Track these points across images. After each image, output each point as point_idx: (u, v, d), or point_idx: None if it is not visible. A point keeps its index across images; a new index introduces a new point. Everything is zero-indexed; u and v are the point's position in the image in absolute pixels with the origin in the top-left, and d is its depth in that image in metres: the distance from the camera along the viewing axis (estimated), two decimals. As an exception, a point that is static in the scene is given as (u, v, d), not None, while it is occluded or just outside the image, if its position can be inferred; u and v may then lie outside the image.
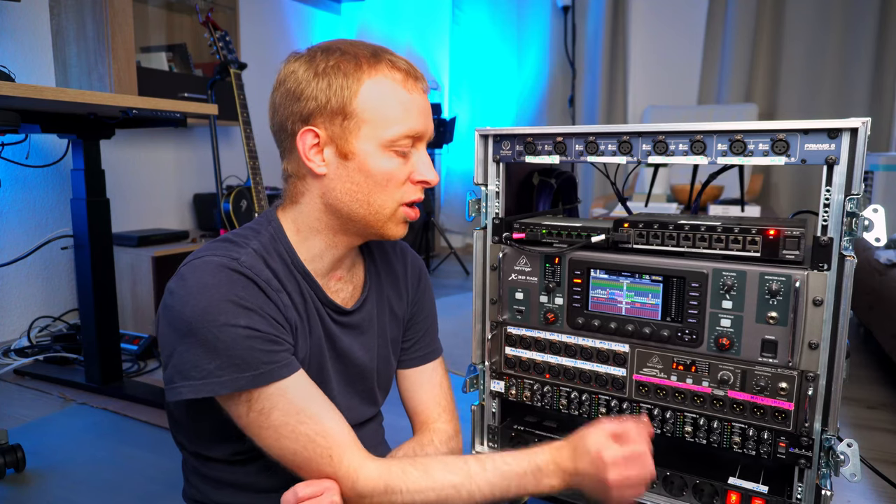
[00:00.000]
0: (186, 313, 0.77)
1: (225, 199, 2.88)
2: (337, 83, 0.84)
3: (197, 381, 0.77)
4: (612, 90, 4.99)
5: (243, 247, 0.85)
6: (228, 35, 2.98)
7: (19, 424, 2.00)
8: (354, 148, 0.85)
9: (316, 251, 0.91)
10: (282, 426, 0.79)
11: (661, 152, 1.02)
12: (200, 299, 0.77)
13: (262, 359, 0.78)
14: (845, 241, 0.90)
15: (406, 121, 0.86)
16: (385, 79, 0.85)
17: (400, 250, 1.10)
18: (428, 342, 1.11)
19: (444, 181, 5.74)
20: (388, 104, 0.85)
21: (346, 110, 0.84)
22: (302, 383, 0.82)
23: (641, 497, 1.10)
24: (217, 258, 0.81)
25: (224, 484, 0.92)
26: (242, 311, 0.78)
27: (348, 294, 0.97)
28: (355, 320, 0.97)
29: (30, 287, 2.85)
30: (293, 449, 0.80)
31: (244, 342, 0.77)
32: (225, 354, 0.77)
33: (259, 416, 0.79)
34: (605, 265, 1.09)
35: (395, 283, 1.06)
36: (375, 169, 0.85)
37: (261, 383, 0.78)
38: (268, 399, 0.79)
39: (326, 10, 4.89)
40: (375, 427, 1.08)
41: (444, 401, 1.09)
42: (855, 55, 4.18)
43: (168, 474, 1.71)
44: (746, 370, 0.99)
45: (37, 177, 2.84)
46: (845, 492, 1.62)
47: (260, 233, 0.89)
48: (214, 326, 0.76)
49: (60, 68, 2.82)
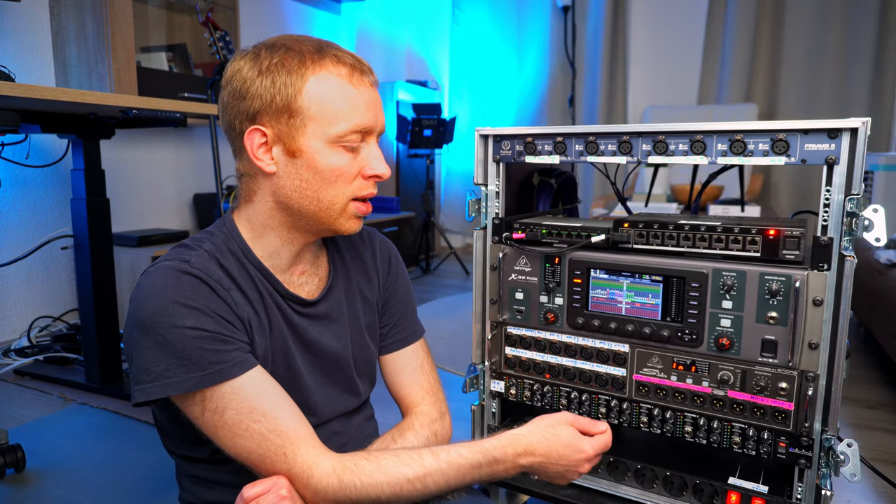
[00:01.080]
0: (137, 317, 0.79)
1: (225, 199, 2.88)
2: (281, 80, 0.83)
3: (147, 384, 0.79)
4: (612, 90, 5.00)
5: (195, 249, 0.86)
6: (228, 35, 2.97)
7: (19, 424, 2.00)
8: (301, 145, 0.85)
9: (272, 248, 0.92)
10: (235, 425, 0.79)
11: (661, 152, 1.02)
12: (149, 303, 0.79)
13: (211, 358, 0.79)
14: (845, 241, 0.90)
15: (352, 116, 0.85)
16: (329, 74, 0.85)
17: (367, 236, 1.09)
18: (405, 325, 1.10)
19: (444, 181, 5.75)
20: (333, 100, 0.84)
21: (292, 108, 0.84)
22: (256, 381, 0.82)
23: (640, 497, 1.10)
24: (168, 262, 0.83)
25: (211, 483, 0.92)
26: (189, 311, 0.79)
27: (314, 286, 0.97)
28: (321, 310, 0.97)
29: (30, 287, 2.85)
30: (248, 447, 0.80)
31: (192, 343, 0.78)
32: (174, 356, 0.78)
33: (213, 415, 0.79)
34: (605, 265, 1.09)
35: (364, 269, 1.06)
36: (323, 166, 0.85)
37: (211, 382, 0.78)
38: (221, 398, 0.79)
39: (326, 10, 4.89)
40: (362, 420, 1.07)
41: (427, 383, 1.08)
42: (855, 55, 4.18)
43: (168, 474, 1.71)
44: (746, 370, 0.99)
45: (37, 177, 2.84)
46: (845, 492, 1.62)
47: (214, 234, 0.91)
48: (162, 328, 0.77)
49: (60, 68, 2.82)
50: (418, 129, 4.51)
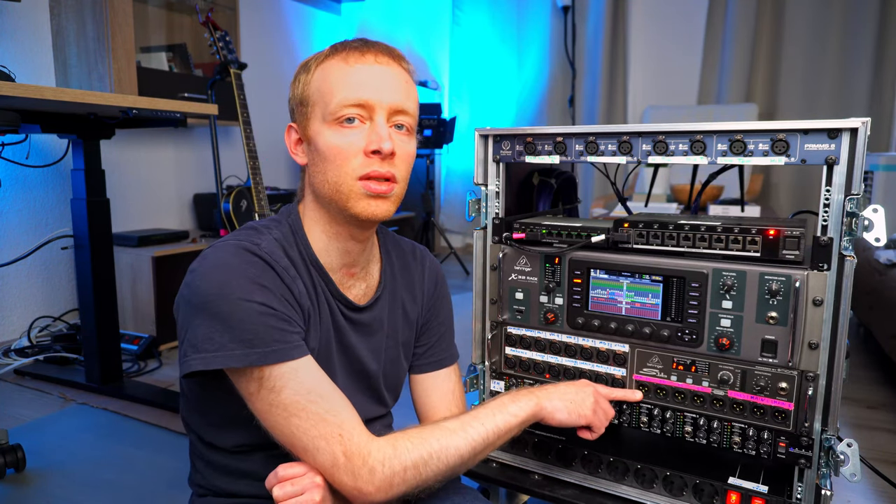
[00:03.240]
0: (203, 288, 0.79)
1: (225, 199, 2.88)
2: (300, 79, 0.91)
3: (209, 353, 0.77)
4: (612, 90, 4.99)
5: (265, 234, 0.87)
6: (228, 35, 2.98)
7: (19, 424, 2.00)
8: (310, 132, 0.89)
9: (322, 244, 0.92)
10: (292, 405, 0.79)
11: (661, 152, 1.02)
12: (218, 275, 0.79)
13: (275, 336, 0.79)
14: (845, 241, 0.90)
15: (343, 90, 0.86)
16: (332, 60, 0.88)
17: (420, 253, 1.10)
18: (443, 348, 1.10)
19: (444, 181, 5.74)
20: (327, 80, 0.88)
21: (303, 99, 0.90)
22: (313, 366, 0.82)
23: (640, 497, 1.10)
24: (238, 242, 0.83)
25: (227, 471, 0.92)
26: (258, 287, 0.79)
27: (361, 292, 0.98)
28: (365, 318, 0.97)
29: (30, 287, 2.85)
30: (303, 427, 0.79)
31: (259, 318, 0.78)
32: (239, 328, 0.77)
33: (270, 393, 0.79)
34: (605, 265, 1.09)
35: (411, 287, 1.06)
36: (322, 146, 0.87)
37: (272, 360, 0.78)
38: (280, 378, 0.79)
39: (326, 10, 4.89)
40: (381, 428, 1.07)
41: (456, 408, 1.08)
42: (855, 55, 4.18)
43: (168, 474, 1.71)
44: (746, 370, 0.99)
45: (37, 177, 2.84)
46: (845, 492, 1.62)
47: (281, 223, 0.92)
48: (230, 301, 0.77)
49: (60, 68, 2.82)
50: (418, 129, 4.51)
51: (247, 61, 3.12)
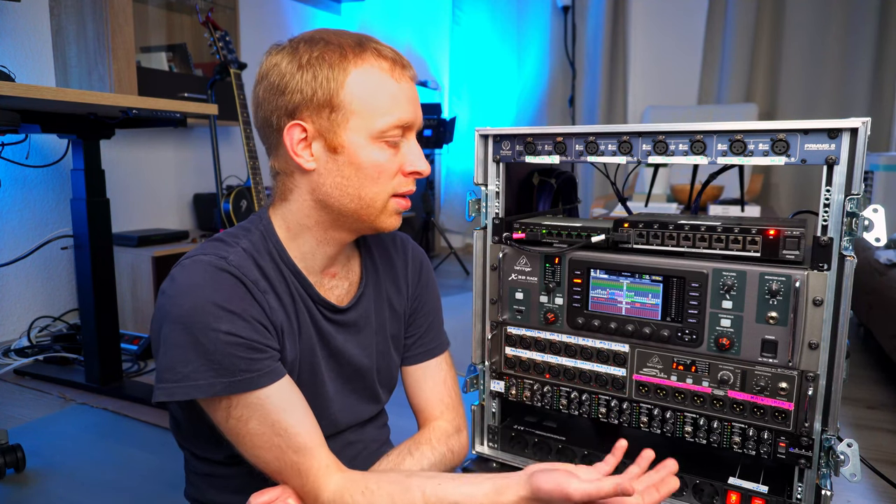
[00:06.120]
0: (173, 313, 0.77)
1: (225, 199, 2.88)
2: (322, 74, 0.81)
3: (172, 383, 0.77)
4: (612, 90, 4.99)
5: (233, 246, 0.84)
6: (228, 35, 2.98)
7: (19, 424, 2.00)
8: (343, 141, 0.83)
9: (307, 248, 0.90)
10: (258, 436, 0.79)
11: (661, 152, 1.02)
12: (186, 299, 0.77)
13: (242, 366, 0.77)
14: (845, 241, 0.90)
15: (395, 111, 0.84)
16: (372, 68, 0.83)
17: (400, 243, 1.08)
18: (431, 338, 1.09)
19: (444, 181, 5.74)
20: (376, 94, 0.83)
21: (334, 102, 0.82)
22: (282, 392, 0.81)
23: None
24: (206, 257, 0.80)
25: (222, 484, 0.92)
26: (226, 314, 0.77)
27: (343, 291, 0.96)
28: (350, 318, 0.96)
29: (30, 287, 2.85)
30: (266, 459, 0.81)
31: (225, 348, 0.76)
32: (204, 358, 0.76)
33: (237, 423, 0.79)
34: (605, 265, 1.09)
35: (395, 279, 1.05)
36: (366, 161, 0.84)
37: (238, 390, 0.77)
38: (246, 407, 0.78)
39: (326, 10, 4.89)
40: (376, 428, 1.07)
41: (448, 398, 1.07)
42: (855, 55, 4.17)
43: (168, 474, 1.71)
44: (746, 370, 0.99)
45: (37, 177, 2.84)
46: (845, 492, 1.62)
47: (251, 231, 0.88)
48: (196, 328, 0.76)
49: (60, 68, 2.82)
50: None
51: (247, 61, 3.12)
